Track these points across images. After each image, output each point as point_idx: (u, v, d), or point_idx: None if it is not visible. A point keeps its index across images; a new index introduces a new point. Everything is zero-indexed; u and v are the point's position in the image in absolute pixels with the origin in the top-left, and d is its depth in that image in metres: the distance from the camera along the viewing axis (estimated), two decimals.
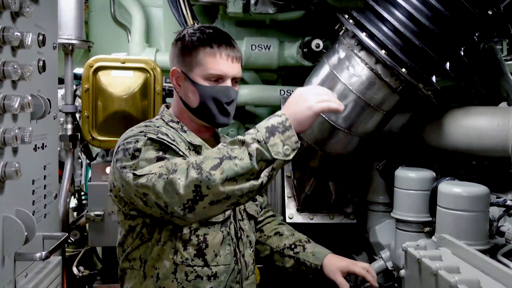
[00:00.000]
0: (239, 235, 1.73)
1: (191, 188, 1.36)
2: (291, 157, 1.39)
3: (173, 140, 1.59)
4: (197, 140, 1.71)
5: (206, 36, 1.67)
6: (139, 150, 1.51)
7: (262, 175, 1.37)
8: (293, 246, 1.96)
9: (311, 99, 1.44)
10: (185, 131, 1.71)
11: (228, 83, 1.68)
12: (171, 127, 1.70)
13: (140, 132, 1.58)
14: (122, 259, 1.70)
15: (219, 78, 1.67)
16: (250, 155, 1.35)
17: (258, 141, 1.36)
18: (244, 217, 1.78)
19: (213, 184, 1.34)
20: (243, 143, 1.38)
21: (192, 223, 1.56)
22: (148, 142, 1.52)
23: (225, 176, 1.34)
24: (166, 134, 1.59)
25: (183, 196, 1.37)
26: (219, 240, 1.64)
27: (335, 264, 1.88)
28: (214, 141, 1.81)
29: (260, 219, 2.03)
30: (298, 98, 1.46)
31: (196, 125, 1.74)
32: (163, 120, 1.74)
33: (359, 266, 1.90)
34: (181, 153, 1.54)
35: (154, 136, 1.53)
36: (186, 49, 1.68)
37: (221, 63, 1.65)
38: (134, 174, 1.48)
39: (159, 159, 1.48)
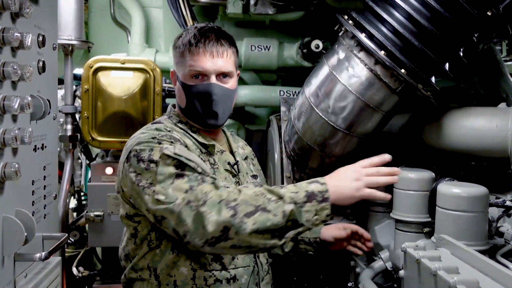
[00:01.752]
0: None
1: (220, 227, 1.35)
2: (318, 226, 1.43)
3: (186, 146, 1.55)
4: (207, 139, 1.67)
5: (192, 35, 1.64)
6: (154, 162, 1.45)
7: (286, 235, 1.39)
8: None
9: (361, 181, 1.46)
10: (194, 132, 1.68)
11: (212, 79, 1.62)
12: (181, 128, 1.66)
13: (153, 138, 1.52)
14: (128, 269, 1.65)
15: (201, 75, 1.62)
16: (283, 213, 1.36)
17: (295, 203, 1.38)
18: None
19: (243, 232, 1.34)
20: (281, 197, 1.38)
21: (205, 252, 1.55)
22: (164, 156, 1.45)
23: (256, 228, 1.35)
24: (179, 140, 1.54)
25: (210, 233, 1.35)
26: None
27: (330, 226, 1.94)
28: (223, 140, 1.78)
29: None
30: (349, 174, 1.47)
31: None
32: (171, 122, 1.70)
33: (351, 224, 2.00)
34: (199, 170, 1.47)
35: (170, 152, 1.46)
36: (177, 50, 1.68)
37: (200, 59, 1.61)
38: (155, 197, 1.42)
39: (178, 175, 1.43)
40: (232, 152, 1.77)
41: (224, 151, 1.69)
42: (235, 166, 1.70)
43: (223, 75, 1.65)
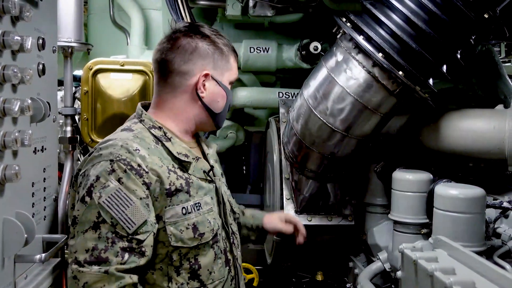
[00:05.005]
0: (231, 240, 1.63)
1: None
2: None
3: (149, 171, 1.41)
4: (184, 150, 1.55)
5: (225, 40, 1.65)
6: (90, 197, 1.35)
7: None
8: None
9: None
10: (169, 139, 1.54)
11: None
12: (152, 134, 1.54)
13: (111, 161, 1.40)
14: None
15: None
16: None
17: None
18: (232, 217, 1.72)
19: None
20: None
21: None
22: (96, 205, 1.35)
23: None
24: (139, 165, 1.40)
25: None
26: (211, 258, 1.54)
27: (273, 217, 1.92)
28: (195, 142, 1.70)
29: None
30: None
31: (185, 130, 1.62)
32: (144, 126, 1.57)
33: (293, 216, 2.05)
34: (117, 229, 1.35)
35: (96, 198, 1.35)
36: (221, 53, 1.61)
37: (236, 68, 1.70)
38: (69, 240, 1.37)
39: (94, 225, 1.34)
40: (205, 156, 1.68)
41: (199, 158, 1.60)
42: (211, 172, 1.61)
43: None
